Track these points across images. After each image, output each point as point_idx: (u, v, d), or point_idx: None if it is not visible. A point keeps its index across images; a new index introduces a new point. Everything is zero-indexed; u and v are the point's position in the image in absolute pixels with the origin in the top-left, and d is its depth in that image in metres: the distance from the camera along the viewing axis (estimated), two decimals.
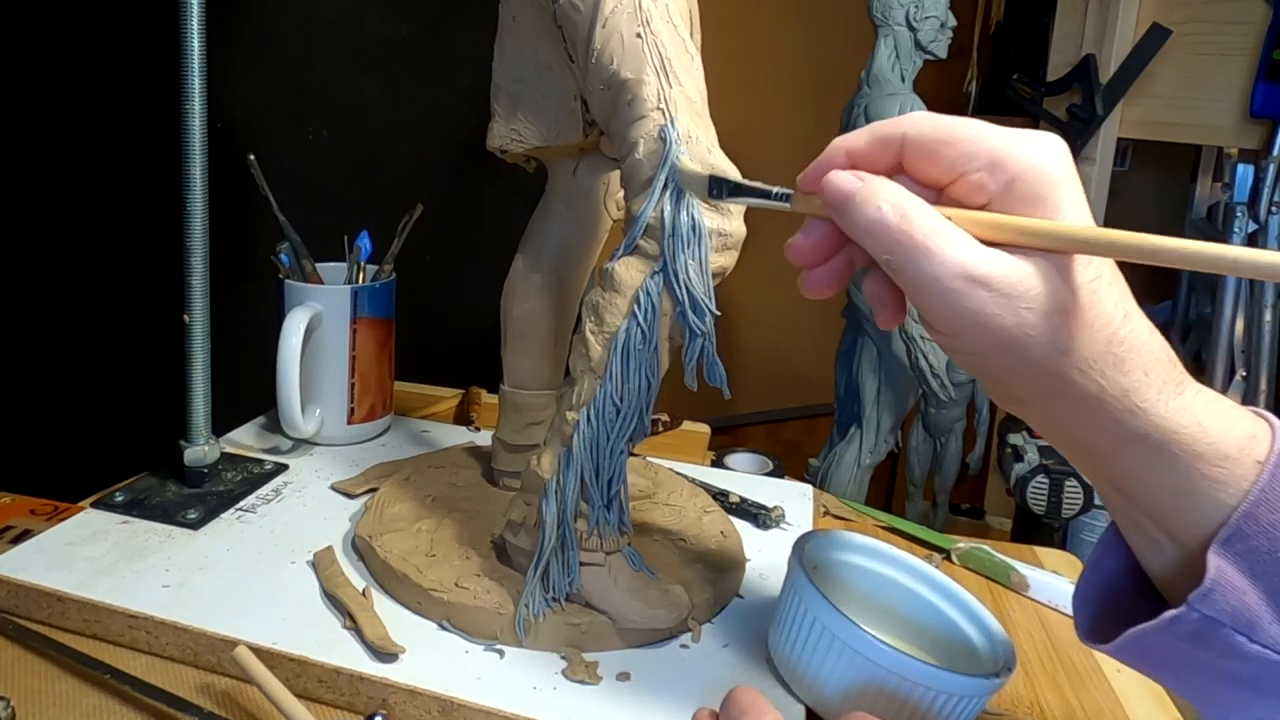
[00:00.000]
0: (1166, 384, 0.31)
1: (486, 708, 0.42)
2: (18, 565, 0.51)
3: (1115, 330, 0.30)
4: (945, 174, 0.32)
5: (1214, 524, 0.31)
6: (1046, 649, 0.55)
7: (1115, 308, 0.30)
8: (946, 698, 0.41)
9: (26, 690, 0.44)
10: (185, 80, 0.55)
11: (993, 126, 0.31)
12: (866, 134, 0.33)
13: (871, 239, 0.31)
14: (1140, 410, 0.30)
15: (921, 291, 0.31)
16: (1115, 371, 0.30)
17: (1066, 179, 0.30)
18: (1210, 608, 0.30)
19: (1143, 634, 0.31)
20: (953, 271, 0.29)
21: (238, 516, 0.58)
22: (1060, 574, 0.62)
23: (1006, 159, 0.30)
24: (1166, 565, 0.33)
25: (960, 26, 1.16)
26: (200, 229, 0.57)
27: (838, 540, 0.50)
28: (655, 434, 0.84)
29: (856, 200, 0.31)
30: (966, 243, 0.30)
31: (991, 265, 0.29)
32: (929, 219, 0.30)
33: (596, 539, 0.47)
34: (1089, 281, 0.30)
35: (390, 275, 0.71)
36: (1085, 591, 0.36)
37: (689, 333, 0.44)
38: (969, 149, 0.31)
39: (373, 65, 1.04)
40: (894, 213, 0.30)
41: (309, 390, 0.67)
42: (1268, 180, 1.21)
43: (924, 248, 0.30)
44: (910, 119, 0.32)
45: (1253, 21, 1.23)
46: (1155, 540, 0.33)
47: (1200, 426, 0.30)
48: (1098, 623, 0.35)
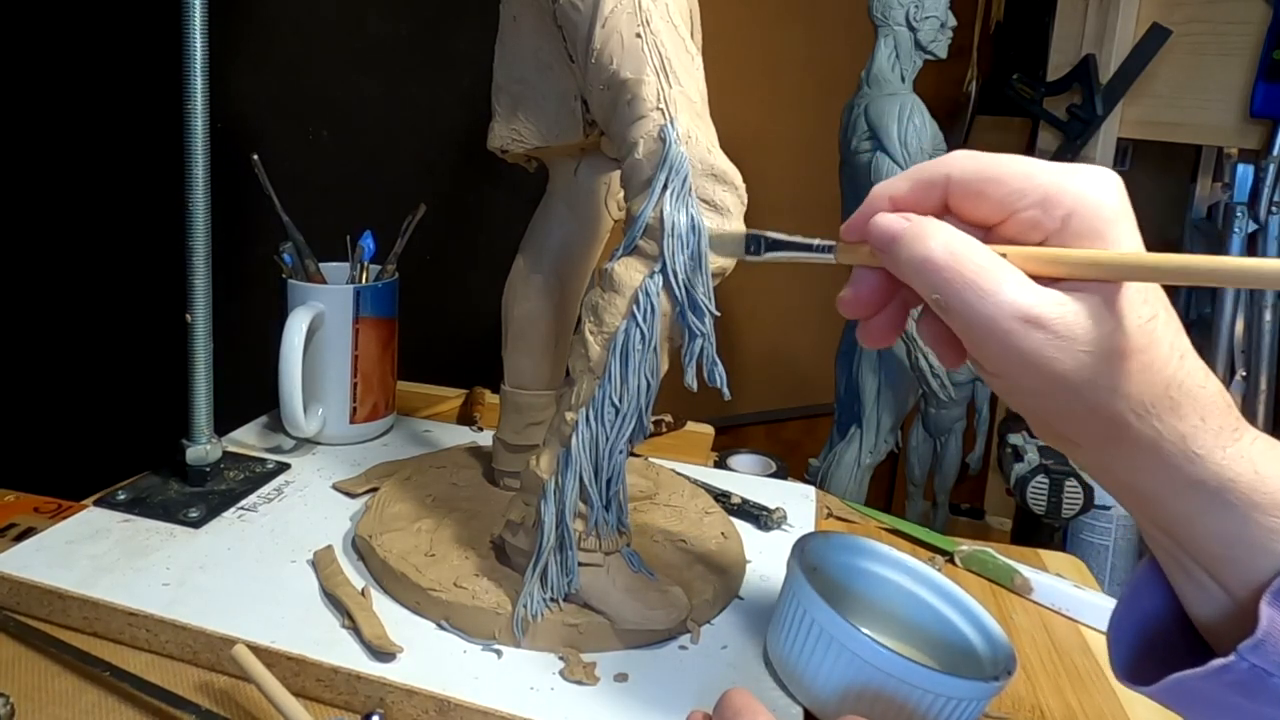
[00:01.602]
0: (1223, 430, 0.30)
1: (483, 708, 0.42)
2: (19, 563, 0.51)
3: (1173, 373, 0.29)
4: (995, 213, 0.31)
5: (1267, 574, 0.30)
6: (1049, 652, 0.55)
7: (1171, 350, 0.30)
8: (945, 701, 0.40)
9: (26, 687, 0.45)
10: (188, 80, 0.55)
11: (1040, 162, 0.30)
12: (907, 179, 0.32)
13: (920, 278, 0.30)
14: (1197, 457, 0.30)
15: (974, 332, 0.30)
16: (1172, 416, 0.29)
17: (1123, 213, 0.30)
18: (1261, 658, 0.29)
19: (1186, 679, 0.31)
20: (1007, 312, 0.28)
21: (239, 515, 0.58)
22: (1064, 577, 0.61)
23: (1060, 194, 0.29)
24: (1214, 611, 0.32)
25: (960, 26, 1.16)
26: (202, 228, 0.57)
27: (838, 542, 0.50)
28: (658, 435, 0.84)
29: (905, 240, 0.31)
30: (1021, 281, 0.29)
31: (1048, 305, 0.29)
32: (980, 256, 0.29)
33: (595, 539, 0.47)
34: (1145, 322, 0.29)
35: (393, 275, 0.72)
36: (1121, 627, 0.36)
37: (688, 333, 0.44)
38: (1019, 186, 0.30)
39: (373, 65, 1.04)
40: (943, 250, 0.29)
41: (311, 390, 0.68)
42: (1268, 180, 1.21)
43: (975, 286, 0.29)
44: (952, 159, 0.32)
45: (1253, 21, 1.22)
46: (1203, 585, 0.32)
47: (1258, 475, 0.30)
48: (1136, 662, 0.35)
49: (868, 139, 1.14)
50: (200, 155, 0.56)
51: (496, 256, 0.68)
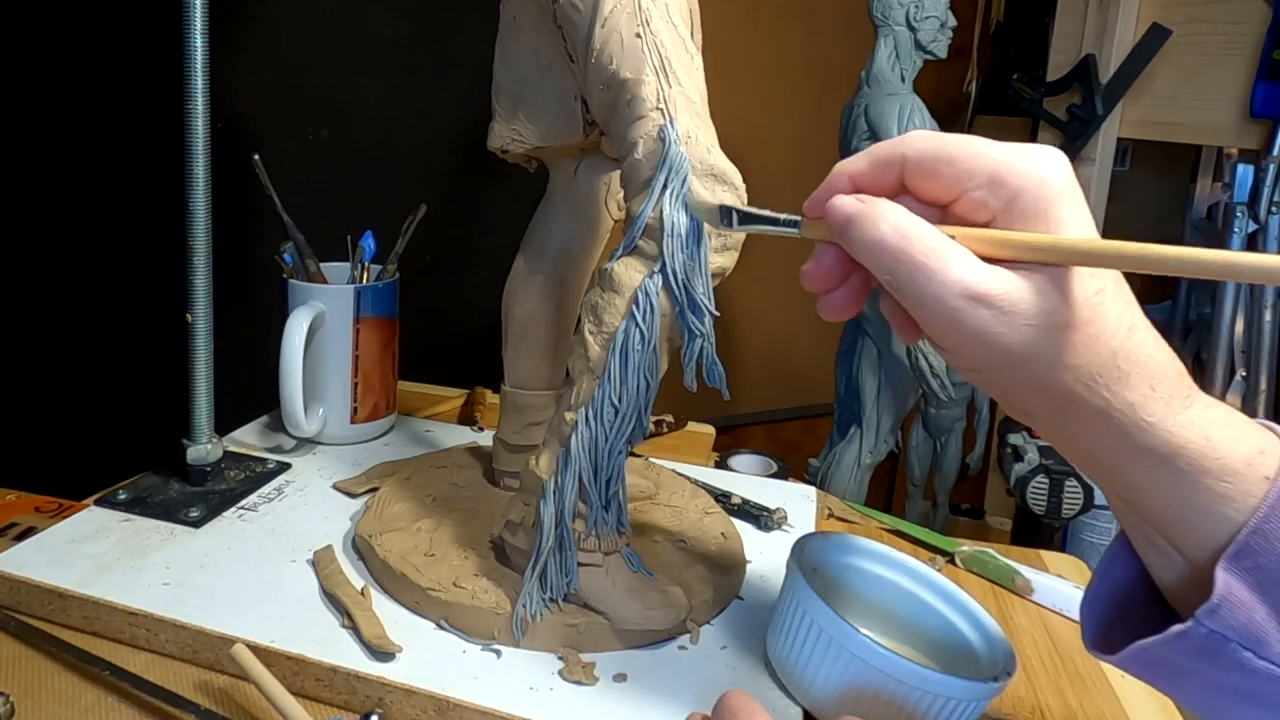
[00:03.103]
0: (1174, 398, 0.30)
1: (482, 708, 0.42)
2: (20, 562, 0.51)
3: (1120, 344, 0.30)
4: (947, 192, 0.32)
5: (1222, 539, 0.30)
6: (1050, 653, 0.55)
7: (1119, 321, 0.30)
8: (944, 701, 0.40)
9: (26, 686, 0.45)
10: (188, 80, 0.55)
11: (991, 143, 0.31)
12: (867, 157, 0.33)
13: (873, 260, 0.31)
14: (1147, 425, 0.30)
15: (924, 310, 0.31)
16: (1120, 386, 0.30)
17: (1068, 192, 0.30)
18: (1218, 623, 0.30)
19: (1149, 647, 0.31)
20: (953, 290, 0.29)
21: (239, 515, 0.58)
22: (1065, 578, 0.61)
23: (1006, 175, 0.30)
24: (1176, 577, 0.33)
25: (960, 26, 1.16)
26: (203, 228, 0.57)
27: (837, 543, 0.50)
28: (659, 435, 0.84)
29: (857, 222, 0.32)
30: (967, 261, 0.30)
31: (992, 283, 0.29)
32: (929, 238, 0.30)
33: (594, 539, 0.47)
34: (1092, 295, 0.30)
35: (394, 275, 0.72)
36: (1093, 599, 0.36)
37: (688, 333, 0.44)
38: (968, 166, 0.31)
39: (373, 65, 1.04)
40: (894, 233, 0.31)
41: (312, 389, 0.68)
42: (1268, 180, 1.21)
43: (924, 267, 0.30)
44: (909, 139, 0.32)
45: (1253, 21, 1.22)
46: (1164, 553, 0.33)
47: (1208, 441, 0.30)
48: (1105, 632, 0.35)
49: (868, 139, 1.14)
50: (201, 155, 0.56)
51: (497, 256, 0.68)
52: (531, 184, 0.61)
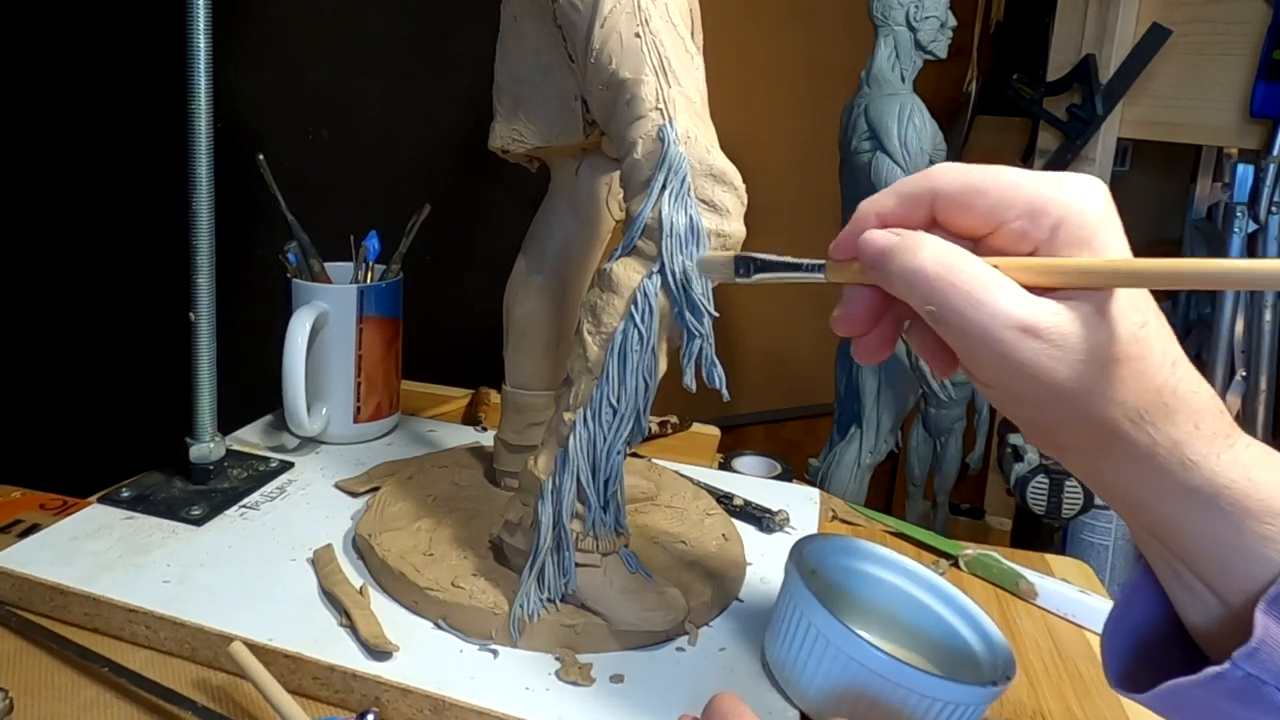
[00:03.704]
0: (1217, 436, 0.30)
1: (478, 707, 0.42)
2: (22, 559, 0.51)
3: (1165, 379, 0.29)
4: (982, 225, 0.31)
5: (1261, 581, 0.30)
6: (1053, 658, 0.54)
7: (1164, 355, 0.30)
8: (942, 705, 0.40)
9: (26, 682, 0.45)
10: (191, 80, 0.55)
11: (1024, 172, 0.30)
12: (893, 194, 0.32)
13: (912, 290, 0.30)
14: (1191, 464, 0.30)
15: (968, 341, 0.29)
16: (1166, 422, 0.29)
17: (1109, 219, 0.30)
18: (1256, 666, 0.29)
19: (1181, 687, 0.31)
20: (1002, 322, 0.28)
21: (241, 514, 0.59)
22: (1070, 582, 0.61)
23: (1047, 204, 0.29)
24: (1208, 618, 0.32)
25: (960, 26, 1.16)
26: (206, 228, 0.58)
27: (837, 545, 0.50)
28: (664, 436, 0.84)
29: (895, 253, 0.30)
30: (1014, 291, 0.29)
31: (1042, 315, 0.28)
32: (972, 267, 0.29)
33: (592, 540, 0.47)
34: (1138, 329, 0.29)
35: (398, 275, 0.72)
36: (1116, 635, 0.35)
37: (686, 334, 0.44)
38: (1004, 197, 0.30)
39: (374, 65, 1.04)
40: (934, 262, 0.29)
41: (315, 389, 0.68)
42: (1268, 180, 1.21)
43: (970, 296, 0.29)
44: (938, 173, 0.31)
45: (1253, 21, 1.22)
46: (1197, 592, 0.32)
47: (1250, 481, 0.30)
48: (1130, 669, 0.35)
49: (868, 139, 1.14)
50: (204, 154, 0.57)
51: (499, 257, 0.68)
52: (533, 184, 0.61)
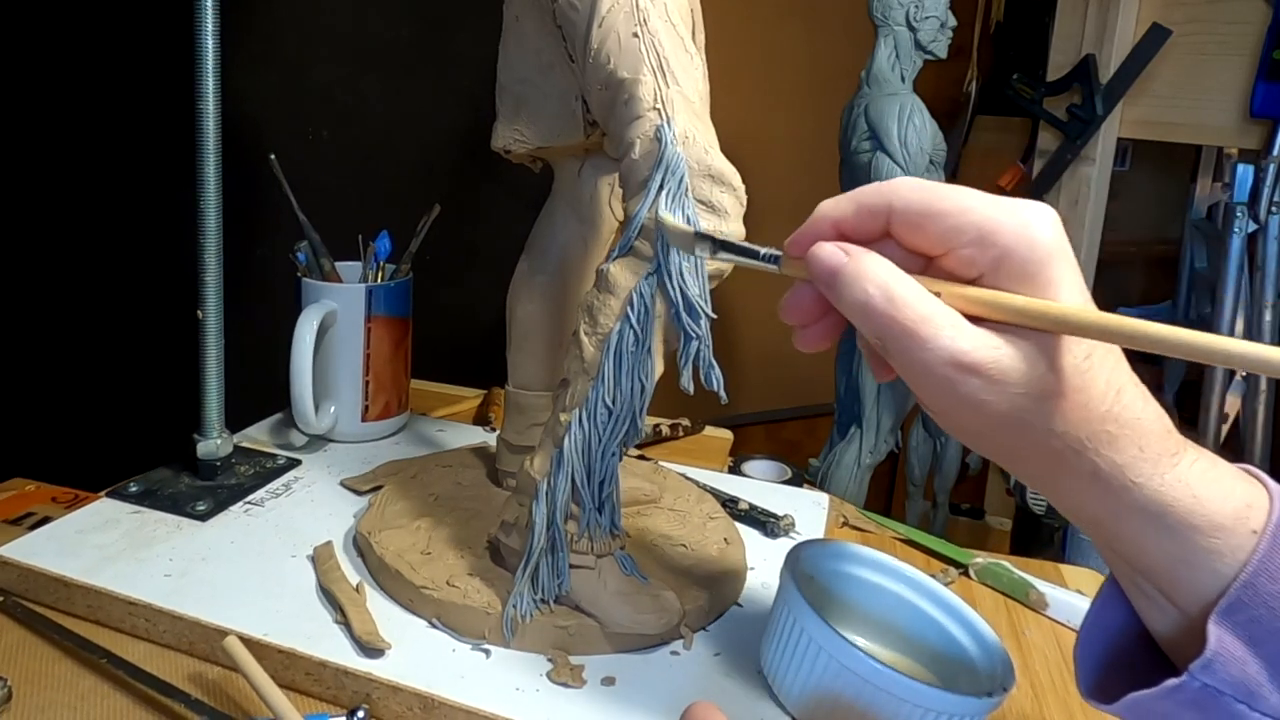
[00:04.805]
0: (1161, 456, 0.30)
1: (467, 707, 0.42)
2: (29, 550, 0.52)
3: (1108, 409, 0.30)
4: (934, 246, 0.31)
5: (1213, 593, 0.30)
6: (1060, 670, 0.53)
7: (1107, 386, 0.30)
8: (936, 716, 0.39)
9: (26, 671, 0.46)
10: (200, 80, 0.56)
11: (979, 196, 0.30)
12: (852, 202, 0.32)
13: (859, 321, 0.31)
14: (1135, 485, 0.30)
15: (911, 374, 0.30)
16: (1109, 449, 0.30)
17: (1057, 252, 0.29)
18: (1211, 677, 0.30)
19: (1143, 699, 0.31)
20: (942, 359, 0.29)
21: (245, 510, 0.59)
22: (1082, 592, 0.59)
23: (993, 233, 0.29)
24: (1169, 626, 0.33)
25: (960, 26, 1.15)
26: (214, 226, 0.58)
27: (836, 550, 0.49)
28: (675, 439, 0.83)
29: (843, 279, 0.31)
30: (955, 327, 0.29)
31: (981, 352, 0.29)
32: (917, 304, 0.29)
33: (587, 541, 0.47)
34: (1081, 360, 0.29)
35: (407, 275, 0.72)
36: (1089, 644, 0.36)
37: (683, 335, 0.43)
38: (955, 223, 0.30)
39: (375, 66, 1.05)
40: (881, 296, 0.29)
41: (323, 387, 0.68)
42: (1268, 180, 1.19)
43: (913, 335, 0.29)
44: (895, 187, 0.31)
45: (1253, 21, 1.20)
46: (1156, 602, 0.33)
47: (1195, 498, 0.30)
48: (1103, 679, 0.35)
49: (867, 139, 1.13)
50: (211, 153, 0.57)
51: (502, 257, 0.68)
52: (533, 185, 0.61)
